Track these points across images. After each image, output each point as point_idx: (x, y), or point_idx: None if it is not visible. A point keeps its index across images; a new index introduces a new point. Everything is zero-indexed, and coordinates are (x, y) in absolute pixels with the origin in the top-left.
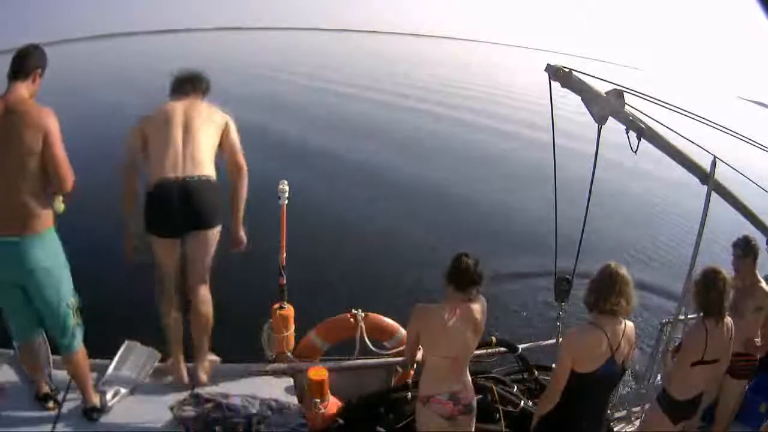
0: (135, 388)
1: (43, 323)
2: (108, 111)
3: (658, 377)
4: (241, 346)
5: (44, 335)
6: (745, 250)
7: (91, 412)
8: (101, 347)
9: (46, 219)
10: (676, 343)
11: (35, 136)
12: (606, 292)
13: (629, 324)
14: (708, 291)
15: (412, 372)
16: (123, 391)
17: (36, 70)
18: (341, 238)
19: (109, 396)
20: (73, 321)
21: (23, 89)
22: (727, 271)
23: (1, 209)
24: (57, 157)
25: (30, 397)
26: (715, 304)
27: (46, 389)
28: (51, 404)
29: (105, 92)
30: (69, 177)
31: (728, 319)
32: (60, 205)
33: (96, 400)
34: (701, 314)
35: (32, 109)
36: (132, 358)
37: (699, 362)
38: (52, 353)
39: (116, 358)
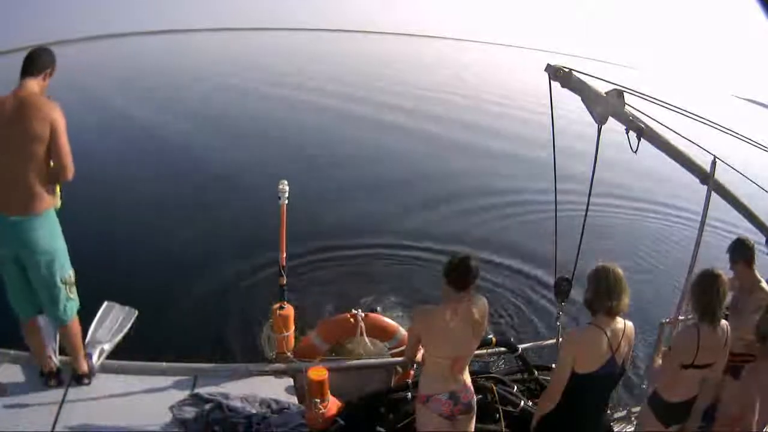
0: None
1: (39, 298)
2: (106, 110)
3: None
4: (241, 346)
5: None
6: (734, 255)
7: (81, 378)
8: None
9: (47, 201)
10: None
11: (43, 127)
12: (604, 293)
13: (629, 324)
14: (704, 294)
15: (412, 372)
16: (106, 348)
17: (46, 70)
18: (341, 238)
19: (95, 358)
20: (66, 295)
21: (34, 84)
22: (725, 274)
23: (9, 191)
24: (61, 147)
25: (30, 396)
26: (711, 308)
27: (50, 366)
28: (53, 381)
29: (104, 92)
30: (71, 167)
31: (724, 323)
32: (57, 201)
33: (85, 367)
34: (697, 317)
35: (41, 102)
36: (111, 318)
37: (690, 365)
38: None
39: (96, 319)
